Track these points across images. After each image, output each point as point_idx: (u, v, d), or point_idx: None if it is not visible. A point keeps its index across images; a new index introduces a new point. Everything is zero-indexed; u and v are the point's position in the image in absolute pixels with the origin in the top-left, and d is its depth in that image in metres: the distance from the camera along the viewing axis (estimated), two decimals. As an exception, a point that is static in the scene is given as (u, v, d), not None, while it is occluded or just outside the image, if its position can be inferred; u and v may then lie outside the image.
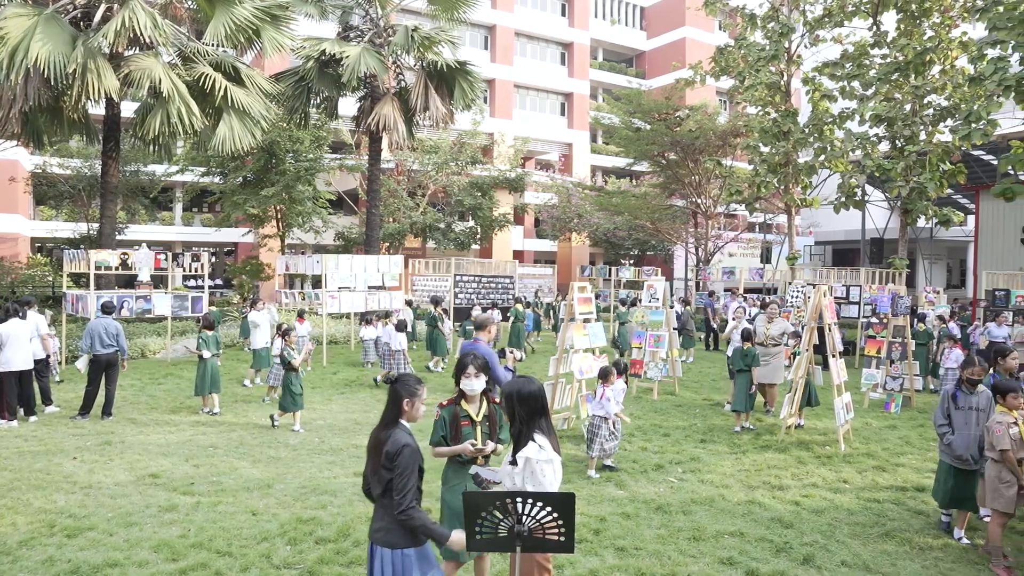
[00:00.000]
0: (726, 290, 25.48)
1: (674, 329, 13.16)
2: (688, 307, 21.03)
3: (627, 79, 46.56)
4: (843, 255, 42.34)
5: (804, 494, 7.96)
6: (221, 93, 15.87)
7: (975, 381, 6.79)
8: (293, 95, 20.50)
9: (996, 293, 18.43)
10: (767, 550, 6.40)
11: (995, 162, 21.60)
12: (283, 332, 11.37)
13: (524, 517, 3.48)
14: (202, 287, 17.89)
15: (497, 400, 5.00)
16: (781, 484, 8.31)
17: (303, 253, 28.64)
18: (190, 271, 17.59)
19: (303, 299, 20.15)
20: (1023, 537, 6.96)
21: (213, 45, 16.62)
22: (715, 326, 21.53)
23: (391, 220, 29.39)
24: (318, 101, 21.86)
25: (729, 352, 12.64)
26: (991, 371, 7.74)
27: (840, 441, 9.91)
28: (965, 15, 21.23)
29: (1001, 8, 18.21)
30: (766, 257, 40.05)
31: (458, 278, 21.80)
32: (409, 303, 20.18)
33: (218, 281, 34.36)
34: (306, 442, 9.79)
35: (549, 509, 3.44)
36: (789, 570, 6.00)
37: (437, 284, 22.98)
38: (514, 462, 3.97)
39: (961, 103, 20.20)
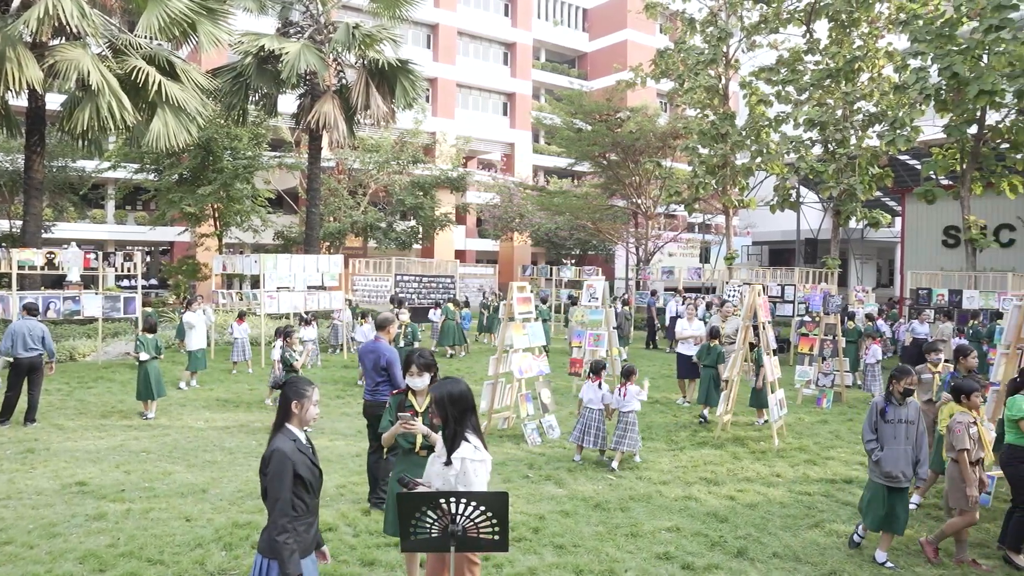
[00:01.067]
0: (667, 290, 25.86)
1: (613, 328, 13.28)
2: (626, 307, 21.27)
3: (569, 80, 46.88)
4: (779, 255, 43.39)
5: (739, 489, 8.14)
6: (155, 88, 15.43)
7: (909, 391, 6.35)
8: (231, 91, 20.07)
9: (919, 292, 19.15)
10: (702, 544, 6.53)
11: (919, 166, 22.43)
12: (284, 333, 11.23)
13: (458, 517, 3.47)
14: (135, 287, 17.38)
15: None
16: (717, 480, 8.48)
17: (241, 253, 28.06)
18: (123, 271, 17.06)
19: (241, 299, 19.73)
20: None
21: (146, 38, 16.13)
22: (657, 325, 21.85)
23: (331, 219, 29.02)
24: (257, 98, 21.45)
25: (683, 350, 12.93)
26: (953, 370, 7.98)
27: (774, 437, 10.16)
28: (890, 27, 22.08)
29: (921, 22, 19.04)
30: (705, 257, 40.81)
31: (399, 278, 21.66)
32: (349, 303, 19.95)
33: (153, 281, 33.42)
34: (243, 445, 9.59)
35: (483, 508, 3.44)
36: (723, 563, 6.13)
37: (378, 284, 22.78)
38: (449, 463, 3.96)
39: (887, 110, 20.96)
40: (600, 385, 9.15)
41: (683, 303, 16.15)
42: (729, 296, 19.30)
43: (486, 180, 38.57)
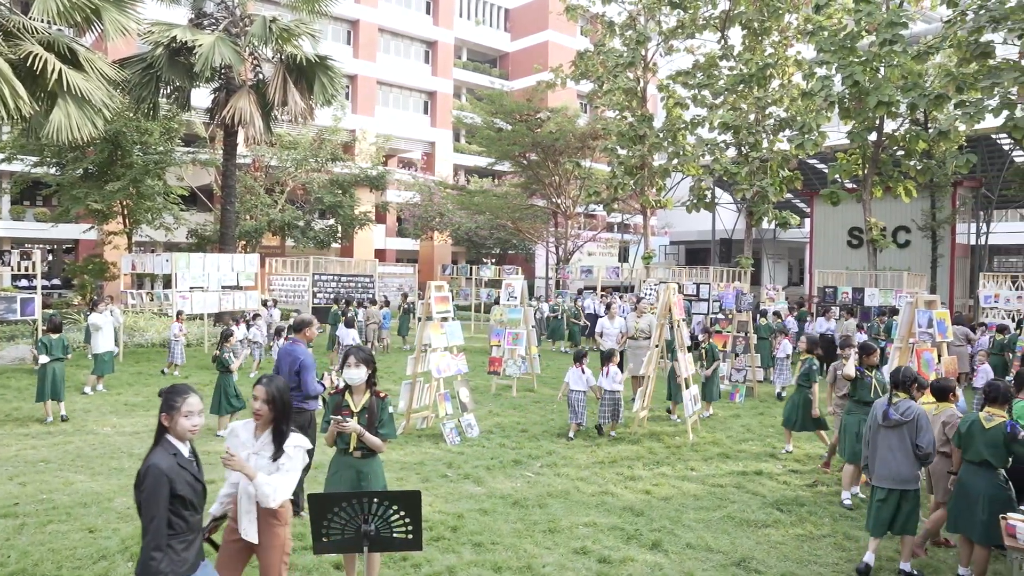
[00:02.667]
0: (585, 288, 26.21)
1: (532, 327, 13.39)
2: (550, 303, 21.51)
3: (490, 80, 46.96)
4: (695, 254, 44.53)
5: (654, 483, 8.31)
6: (54, 76, 14.62)
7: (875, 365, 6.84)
8: (140, 83, 19.24)
9: (826, 290, 19.97)
10: (618, 538, 6.63)
11: (826, 170, 23.40)
12: (223, 335, 11.09)
13: (371, 517, 3.43)
14: (35, 288, 16.50)
15: (382, 394, 5.09)
16: (633, 475, 8.63)
17: (153, 251, 27.01)
18: (19, 270, 16.19)
19: (151, 300, 19.04)
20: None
21: (43, 22, 15.27)
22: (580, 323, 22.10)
23: (248, 218, 28.26)
24: (169, 91, 20.64)
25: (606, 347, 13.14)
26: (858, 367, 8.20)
27: (689, 431, 10.42)
28: (799, 36, 23.02)
29: (826, 33, 19.99)
30: (623, 256, 41.52)
31: (317, 277, 21.25)
32: (265, 303, 19.49)
33: (56, 281, 31.83)
34: (151, 450, 9.22)
35: (396, 508, 3.41)
36: (638, 555, 6.25)
37: (295, 283, 22.31)
38: (281, 453, 3.92)
39: (796, 115, 21.81)
40: (583, 370, 10.36)
41: (601, 301, 16.38)
42: (646, 294, 19.68)
43: (406, 179, 38.25)
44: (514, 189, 35.22)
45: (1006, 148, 26.51)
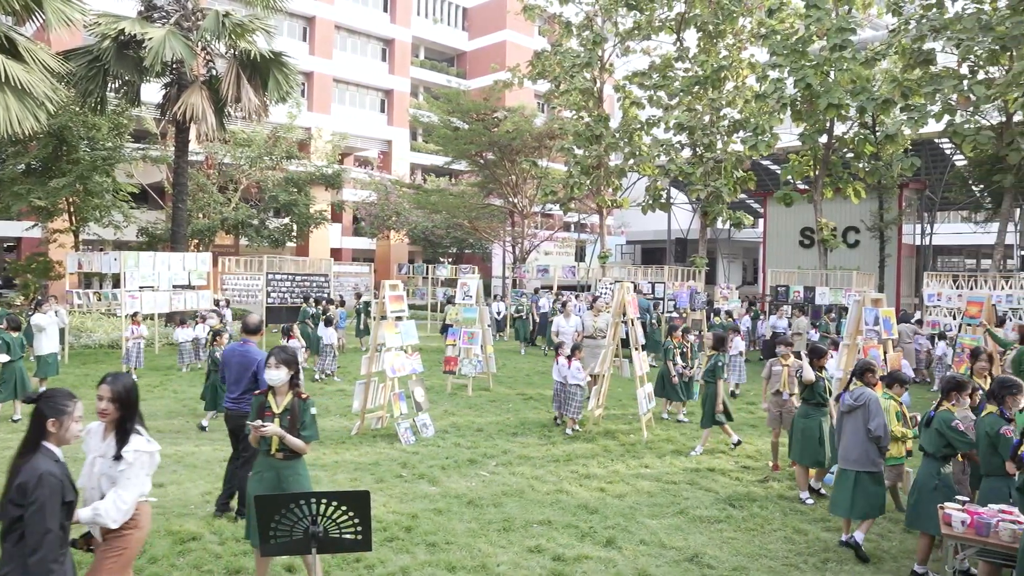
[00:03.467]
0: (542, 287, 26.28)
1: (488, 326, 13.37)
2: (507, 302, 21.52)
3: (448, 78, 46.78)
4: (651, 254, 44.95)
5: (609, 480, 8.34)
6: (-9, 67, 14.16)
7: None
8: (87, 76, 18.68)
9: (778, 289, 20.31)
10: (573, 536, 6.65)
11: (779, 171, 23.81)
12: (214, 332, 11.28)
13: (319, 518, 3.37)
14: (-28, 286, 15.96)
15: (304, 395, 5.01)
16: (588, 473, 8.66)
17: (101, 250, 26.29)
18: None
19: (99, 300, 18.53)
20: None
21: (-23, 10, 14.73)
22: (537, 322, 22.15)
23: (200, 216, 27.70)
24: (117, 85, 20.10)
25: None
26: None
27: (643, 429, 10.49)
28: (752, 40, 23.40)
29: (778, 37, 20.42)
30: (580, 256, 41.74)
31: (271, 277, 20.89)
32: (217, 303, 19.12)
33: (-4, 280, 30.85)
34: (95, 453, 8.97)
35: (344, 508, 3.36)
36: (592, 553, 6.26)
37: (249, 283, 21.93)
38: (119, 457, 3.80)
39: (750, 117, 22.16)
40: (568, 364, 10.67)
41: (556, 300, 16.44)
42: (602, 294, 19.79)
43: (363, 177, 37.88)
44: (471, 188, 35.14)
45: (948, 152, 27.29)
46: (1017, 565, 4.63)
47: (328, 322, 15.02)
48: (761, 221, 32.52)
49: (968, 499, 5.68)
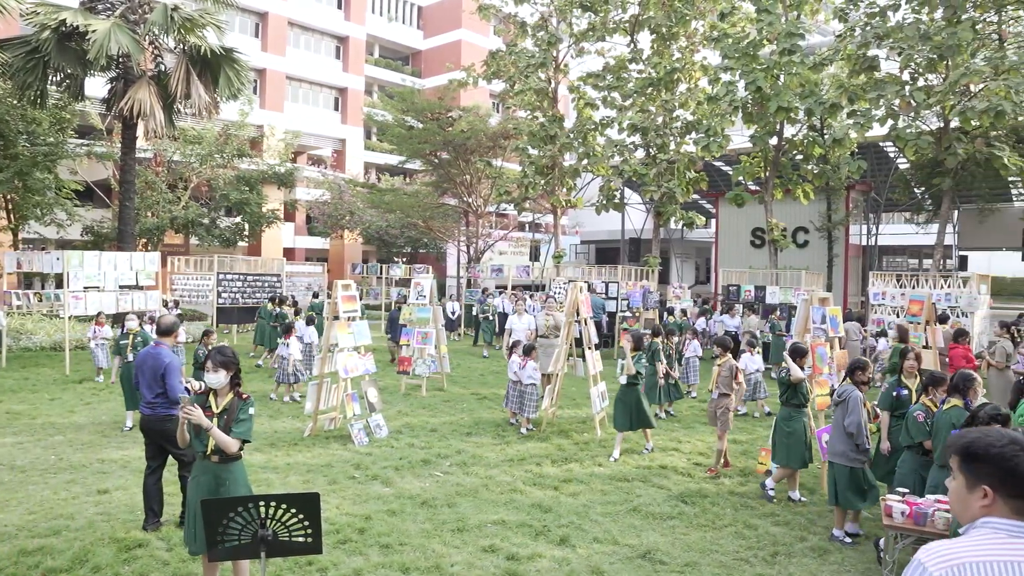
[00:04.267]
0: (497, 287, 26.29)
1: (441, 326, 13.34)
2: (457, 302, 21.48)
3: (402, 77, 46.52)
4: (605, 253, 45.31)
5: (563, 479, 8.38)
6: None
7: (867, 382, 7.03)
8: (25, 68, 18.00)
9: (730, 288, 20.63)
10: (527, 535, 6.66)
11: (730, 172, 24.20)
12: (204, 332, 10.92)
13: (268, 521, 3.32)
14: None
15: (245, 396, 4.93)
16: (542, 472, 8.69)
17: (43, 249, 25.52)
18: None
19: (40, 300, 18.00)
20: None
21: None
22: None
23: (149, 214, 27.06)
24: (59, 78, 19.48)
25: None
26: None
27: (597, 428, 10.56)
28: (705, 43, 23.73)
29: (730, 40, 20.78)
30: (534, 255, 41.86)
31: (222, 276, 20.54)
32: (166, 303, 18.72)
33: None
34: (39, 461, 8.71)
35: (294, 511, 3.31)
36: (546, 552, 6.29)
37: (199, 283, 21.51)
38: None
39: (702, 118, 22.48)
40: (512, 361, 10.86)
41: (511, 299, 16.46)
42: (555, 293, 19.88)
43: (316, 176, 37.41)
44: (425, 188, 34.98)
45: (892, 155, 28.08)
46: None
47: (310, 321, 14.64)
48: (713, 221, 33.00)
49: (908, 490, 5.86)
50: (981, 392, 6.37)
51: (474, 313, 22.47)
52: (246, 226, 30.56)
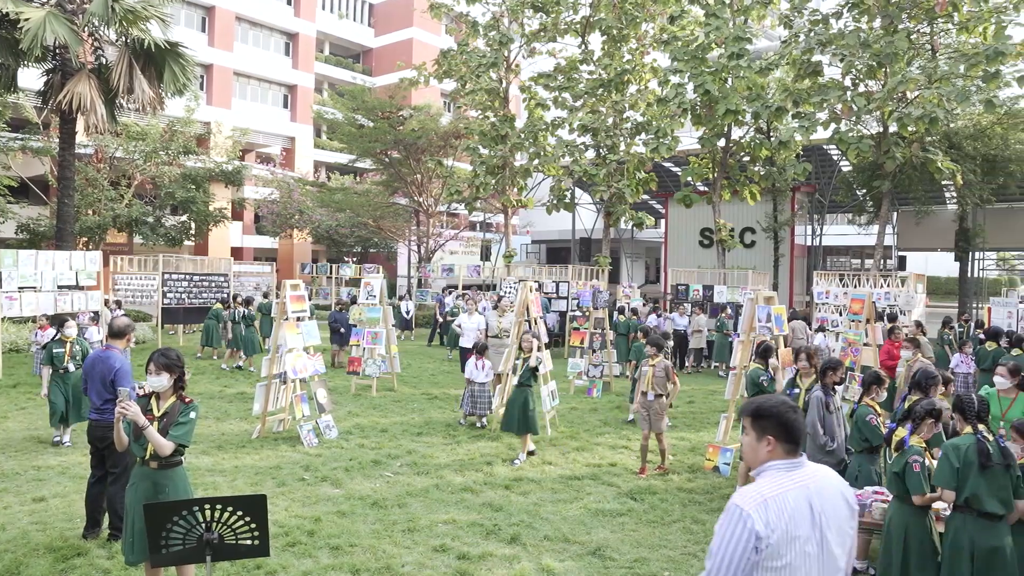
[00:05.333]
0: (447, 287, 26.25)
1: (392, 326, 13.27)
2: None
3: (353, 75, 46.09)
4: (556, 253, 45.53)
5: (513, 478, 8.41)
6: None
7: (841, 381, 7.01)
8: (-53, 56, 17.31)
9: (679, 287, 20.93)
10: (478, 534, 6.68)
11: (679, 173, 24.54)
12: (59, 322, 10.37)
13: (214, 524, 3.27)
14: None
15: (187, 399, 4.82)
16: (493, 471, 8.71)
17: (-26, 248, 24.58)
18: None
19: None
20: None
21: None
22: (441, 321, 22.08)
23: (90, 212, 26.30)
24: (-13, 68, 18.76)
25: (464, 343, 13.15)
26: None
27: (547, 426, 10.62)
28: (655, 45, 24.00)
29: (679, 43, 21.12)
30: (485, 255, 41.87)
31: (167, 276, 20.08)
32: (107, 303, 18.23)
33: None
34: (-29, 465, 8.43)
35: (240, 513, 3.27)
36: (497, 550, 6.31)
37: (144, 283, 21.00)
38: None
39: (652, 120, 22.75)
40: (481, 364, 10.91)
41: (462, 299, 16.44)
42: (506, 293, 19.91)
43: (264, 174, 36.81)
44: (376, 187, 34.70)
45: (835, 158, 28.79)
46: (883, 535, 5.14)
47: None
48: (663, 221, 33.43)
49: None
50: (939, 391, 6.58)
51: (437, 315, 22.33)
52: (192, 225, 29.93)
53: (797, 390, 7.44)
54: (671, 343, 14.89)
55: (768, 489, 2.63)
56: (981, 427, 4.71)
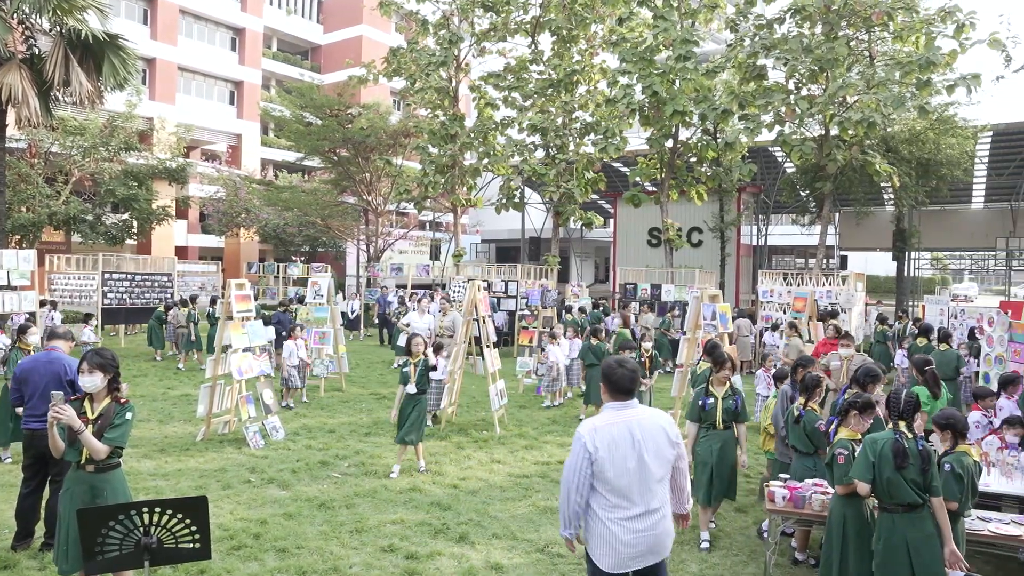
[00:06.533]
0: (397, 286, 26.10)
1: (340, 325, 13.15)
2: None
3: (301, 72, 45.48)
4: (506, 252, 45.62)
5: (462, 477, 8.43)
6: None
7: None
8: None
9: (627, 286, 21.17)
10: (426, 533, 6.67)
11: (628, 173, 24.82)
12: (19, 329, 9.48)
13: (152, 528, 3.21)
14: None
15: (123, 400, 4.72)
16: (441, 470, 8.70)
17: None
18: None
19: None
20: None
21: None
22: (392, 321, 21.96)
23: (23, 209, 25.44)
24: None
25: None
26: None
27: (495, 425, 10.66)
28: (604, 46, 24.22)
29: (628, 45, 21.37)
30: (435, 254, 41.74)
31: (107, 276, 19.56)
32: (43, 303, 17.68)
33: None
34: None
35: (180, 516, 3.22)
36: (446, 549, 6.32)
37: (82, 283, 20.43)
38: None
39: (601, 120, 22.95)
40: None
41: (411, 299, 16.37)
42: (454, 292, 19.90)
43: (210, 172, 36.08)
44: (324, 186, 34.27)
45: (780, 159, 29.46)
46: (826, 526, 5.26)
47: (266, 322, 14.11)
48: (612, 221, 33.75)
49: (789, 476, 6.20)
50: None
51: (379, 314, 22.21)
52: (135, 223, 29.17)
53: (712, 400, 6.98)
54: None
55: (600, 421, 3.88)
56: (903, 425, 4.85)
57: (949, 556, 4.67)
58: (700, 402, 6.85)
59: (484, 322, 11.02)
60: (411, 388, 8.50)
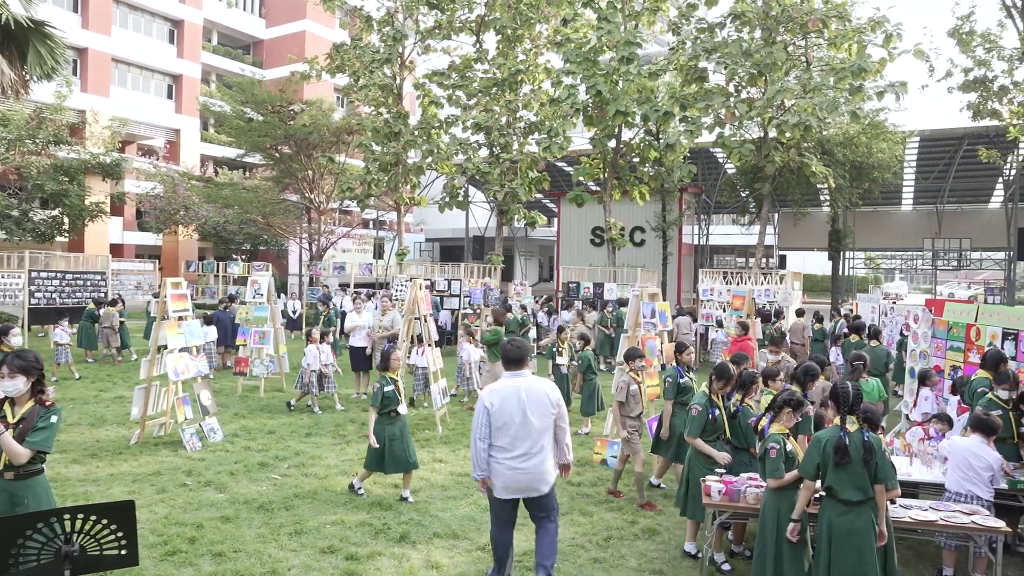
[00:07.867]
0: (340, 285, 25.82)
1: (280, 325, 12.94)
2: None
3: (242, 66, 44.58)
4: (450, 251, 45.57)
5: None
6: None
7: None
8: None
9: (570, 285, 21.34)
10: (367, 534, 6.63)
11: (572, 172, 25.02)
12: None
13: (74, 535, 3.11)
14: None
15: (48, 403, 4.57)
16: (383, 470, 8.64)
17: None
18: None
19: None
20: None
21: None
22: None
23: (-58, 204, 24.44)
24: None
25: (355, 342, 12.98)
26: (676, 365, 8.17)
27: (438, 424, 10.63)
28: (549, 46, 24.38)
29: (572, 45, 21.56)
30: (378, 253, 41.43)
31: (35, 275, 18.86)
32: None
33: None
34: None
35: (105, 522, 3.13)
36: (386, 549, 6.29)
37: (7, 281, 19.67)
38: None
39: (545, 120, 23.12)
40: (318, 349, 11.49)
41: (354, 298, 16.17)
42: (397, 291, 19.77)
43: (147, 168, 35.08)
44: (265, 183, 33.70)
45: (720, 161, 30.05)
46: (759, 517, 5.45)
47: (208, 321, 13.98)
48: (555, 220, 33.96)
49: (725, 471, 6.33)
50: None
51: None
52: (65, 220, 28.20)
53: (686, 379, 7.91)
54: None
55: (498, 385, 5.29)
56: (851, 418, 5.01)
57: (878, 537, 4.93)
58: (710, 415, 6.51)
59: (426, 320, 10.98)
60: (403, 408, 7.70)
